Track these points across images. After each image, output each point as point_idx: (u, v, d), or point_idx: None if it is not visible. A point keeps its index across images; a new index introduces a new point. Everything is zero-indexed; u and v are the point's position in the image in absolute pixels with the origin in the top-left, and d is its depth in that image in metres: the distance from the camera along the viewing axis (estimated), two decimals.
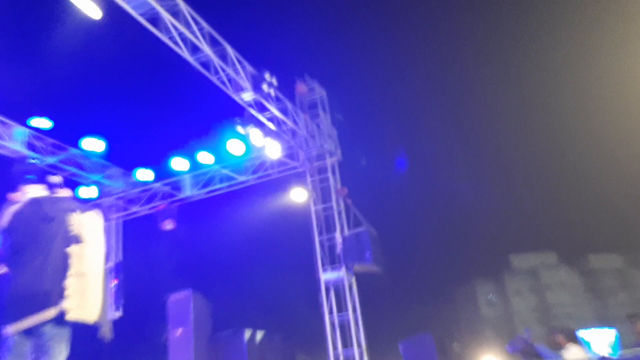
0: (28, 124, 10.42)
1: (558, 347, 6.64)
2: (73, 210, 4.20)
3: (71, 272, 3.97)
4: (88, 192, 12.47)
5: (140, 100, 9.62)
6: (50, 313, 3.92)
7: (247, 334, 9.95)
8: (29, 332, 4.04)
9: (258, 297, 10.37)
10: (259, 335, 10.30)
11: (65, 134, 11.02)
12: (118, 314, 11.96)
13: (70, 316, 3.91)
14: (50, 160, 10.94)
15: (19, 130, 10.37)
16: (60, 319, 3.96)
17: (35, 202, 4.23)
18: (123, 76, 9.32)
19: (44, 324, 3.98)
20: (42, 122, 10.39)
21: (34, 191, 4.33)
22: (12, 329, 3.98)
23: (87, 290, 4.01)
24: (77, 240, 4.12)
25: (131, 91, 9.56)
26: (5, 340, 4.08)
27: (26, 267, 4.03)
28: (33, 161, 10.33)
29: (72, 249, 4.04)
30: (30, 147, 10.60)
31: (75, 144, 11.38)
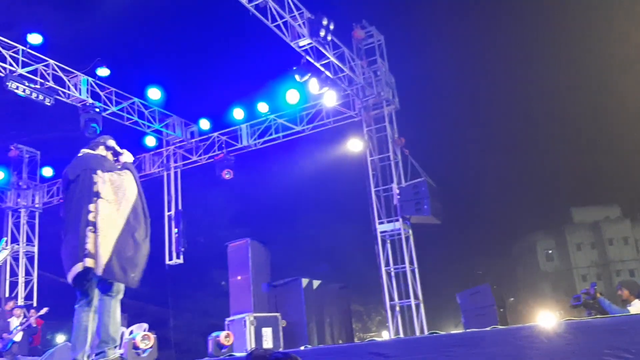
0: (92, 73, 10.64)
1: (623, 303, 6.41)
2: (95, 169, 4.44)
3: (89, 227, 4.27)
4: (149, 141, 12.77)
5: (200, 50, 9.63)
6: (77, 268, 4.24)
7: (304, 282, 10.08)
8: (79, 284, 4.41)
9: (315, 247, 10.46)
10: (316, 284, 10.41)
11: (128, 84, 11.21)
12: (179, 261, 12.35)
13: (89, 265, 4.20)
14: (113, 109, 11.17)
15: (83, 79, 10.60)
16: (86, 272, 4.29)
17: (78, 158, 4.58)
18: (183, 26, 9.31)
19: (85, 277, 4.32)
20: (105, 72, 10.58)
21: (81, 154, 4.63)
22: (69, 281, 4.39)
23: (99, 244, 4.25)
24: (97, 196, 4.38)
25: (191, 42, 9.56)
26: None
27: (64, 227, 4.41)
28: (97, 110, 10.60)
29: (92, 206, 4.32)
30: (95, 96, 10.82)
31: (137, 94, 11.59)
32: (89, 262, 4.26)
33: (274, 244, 10.69)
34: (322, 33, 9.14)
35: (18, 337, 8.49)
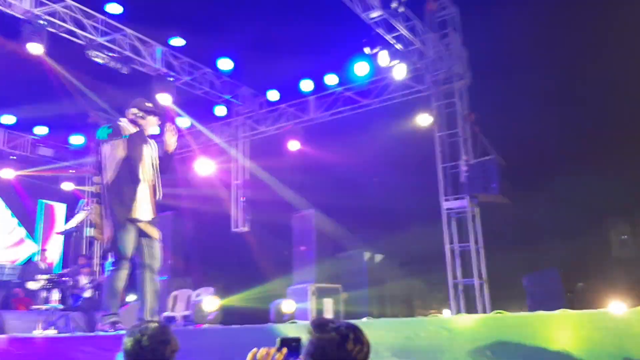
0: (167, 43, 10.92)
1: None
2: (100, 142, 5.00)
3: (96, 197, 4.89)
4: (219, 110, 13.03)
5: (271, 21, 9.62)
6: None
7: (367, 256, 10.12)
8: None
9: (379, 221, 10.41)
10: (378, 258, 10.43)
11: (201, 54, 11.40)
12: (245, 229, 12.65)
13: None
14: (186, 78, 11.44)
15: (158, 49, 10.89)
16: None
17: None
18: None
19: None
20: (180, 42, 10.82)
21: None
22: None
23: (98, 214, 4.84)
24: (99, 168, 4.94)
25: (262, 13, 9.58)
26: None
27: None
28: (170, 79, 10.89)
29: (97, 177, 4.94)
30: (169, 65, 11.11)
31: (209, 64, 11.80)
32: (94, 232, 4.93)
33: (338, 216, 10.74)
34: (394, 5, 8.98)
35: (87, 293, 8.94)
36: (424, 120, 10.68)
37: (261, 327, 3.43)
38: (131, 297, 13.02)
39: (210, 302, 7.17)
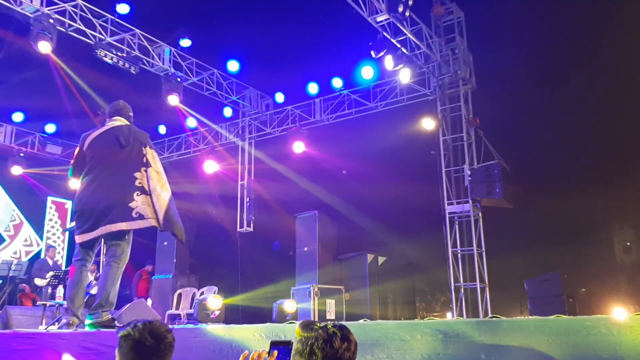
0: (175, 44, 11.01)
1: None
2: (146, 144, 4.95)
3: (138, 190, 4.73)
4: (226, 111, 13.14)
5: (278, 24, 9.70)
6: (119, 226, 4.61)
7: (370, 258, 10.18)
8: (93, 242, 4.76)
9: (382, 223, 10.46)
10: (381, 260, 10.49)
11: (208, 55, 11.49)
12: (249, 229, 12.74)
13: (139, 224, 4.66)
14: (193, 79, 11.54)
15: (167, 50, 10.99)
16: (123, 232, 4.70)
17: (117, 129, 4.94)
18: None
19: (109, 233, 4.66)
20: (187, 42, 10.92)
21: (118, 121, 5.02)
22: (78, 239, 4.70)
23: (154, 204, 4.75)
24: (147, 165, 4.87)
25: (269, 15, 9.66)
26: (76, 246, 4.80)
27: (96, 184, 4.70)
28: (178, 80, 10.98)
29: (138, 174, 4.79)
30: (177, 66, 11.21)
31: (216, 65, 11.89)
32: (151, 221, 4.73)
33: (341, 218, 10.82)
34: (401, 9, 9.03)
35: (93, 290, 9.03)
36: (428, 124, 10.73)
37: (260, 327, 3.50)
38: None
39: (214, 301, 7.25)
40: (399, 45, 9.87)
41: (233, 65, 11.77)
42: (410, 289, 11.30)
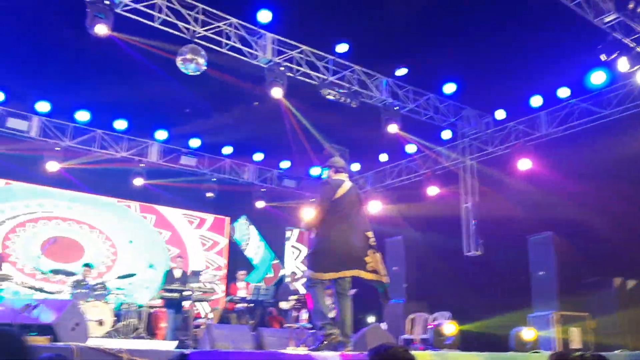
0: (391, 74, 11.40)
1: None
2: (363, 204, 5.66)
3: (372, 249, 5.28)
4: (444, 134, 13.12)
5: (491, 40, 9.45)
6: (355, 273, 5.19)
7: (617, 282, 9.19)
8: (333, 281, 5.32)
9: (627, 243, 9.38)
10: (630, 284, 9.41)
11: (423, 80, 11.65)
12: (477, 253, 12.40)
13: (371, 277, 5.22)
14: (410, 106, 11.77)
15: (384, 81, 11.43)
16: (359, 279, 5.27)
17: (356, 187, 5.60)
18: (471, 17, 9.28)
19: (344, 278, 5.30)
20: (403, 71, 11.22)
21: (345, 176, 5.61)
22: (325, 275, 5.22)
23: (381, 262, 5.33)
24: (369, 226, 5.44)
25: (482, 32, 9.46)
26: (315, 283, 5.28)
27: (345, 232, 5.25)
28: (395, 109, 11.31)
29: (369, 233, 5.37)
30: (394, 95, 11.57)
31: (432, 89, 11.99)
32: (384, 278, 5.31)
33: (578, 238, 9.94)
34: (631, 5, 8.18)
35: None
36: None
37: (503, 355, 3.36)
38: (371, 319, 13.65)
39: (449, 327, 7.19)
40: (632, 45, 8.90)
41: (449, 88, 11.73)
42: None
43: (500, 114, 12.24)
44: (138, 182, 13.51)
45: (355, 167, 15.65)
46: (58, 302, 6.24)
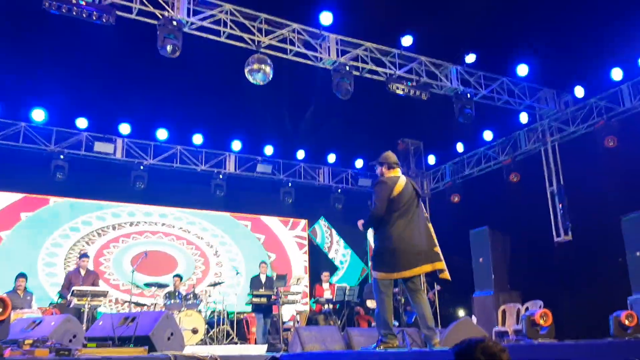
0: (460, 62, 11.15)
1: None
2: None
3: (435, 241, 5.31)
4: (522, 117, 12.68)
5: (565, 14, 9.04)
6: (426, 268, 5.20)
7: None
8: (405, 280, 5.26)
9: None
10: None
11: (494, 64, 11.32)
12: (568, 237, 11.87)
13: (442, 275, 5.25)
14: (483, 92, 11.46)
15: (453, 69, 11.20)
16: (432, 274, 5.33)
17: (412, 180, 5.48)
18: None
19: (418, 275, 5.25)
20: (472, 57, 10.94)
21: (399, 172, 5.51)
22: (394, 275, 5.18)
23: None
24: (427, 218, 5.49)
25: (554, 8, 9.07)
26: (382, 287, 5.21)
27: (408, 228, 5.21)
28: (468, 96, 11.04)
29: (430, 225, 5.40)
30: (465, 82, 11.31)
31: (504, 72, 11.62)
32: (445, 272, 5.29)
33: None
34: None
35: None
36: None
37: (600, 343, 3.19)
38: (461, 312, 13.42)
39: (542, 316, 6.92)
40: None
41: (522, 69, 11.30)
42: None
43: (579, 91, 11.65)
44: (219, 192, 13.96)
45: (431, 159, 15.43)
46: (153, 314, 6.51)
